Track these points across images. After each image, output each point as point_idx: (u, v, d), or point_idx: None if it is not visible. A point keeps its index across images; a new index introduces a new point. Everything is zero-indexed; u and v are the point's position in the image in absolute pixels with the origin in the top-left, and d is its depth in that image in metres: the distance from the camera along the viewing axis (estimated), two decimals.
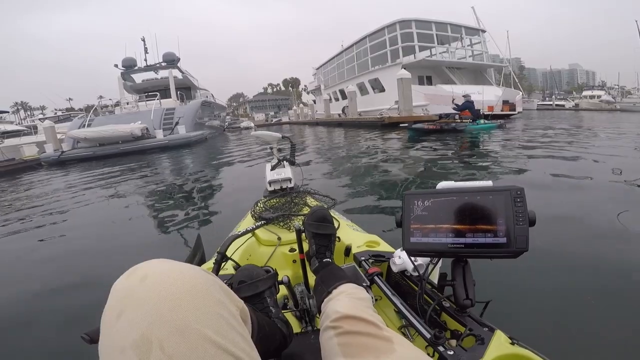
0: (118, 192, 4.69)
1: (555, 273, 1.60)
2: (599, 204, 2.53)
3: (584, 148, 5.30)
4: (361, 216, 2.59)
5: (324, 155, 6.91)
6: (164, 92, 16.64)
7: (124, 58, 18.09)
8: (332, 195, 1.72)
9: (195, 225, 2.82)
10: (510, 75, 21.53)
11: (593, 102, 30.27)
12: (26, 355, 1.38)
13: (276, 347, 0.66)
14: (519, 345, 0.60)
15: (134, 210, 3.66)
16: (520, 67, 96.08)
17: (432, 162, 4.99)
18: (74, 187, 5.74)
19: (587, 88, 41.94)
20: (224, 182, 4.85)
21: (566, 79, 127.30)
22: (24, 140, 14.03)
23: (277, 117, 49.87)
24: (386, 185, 3.71)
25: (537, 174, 3.74)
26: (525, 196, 0.63)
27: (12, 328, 1.58)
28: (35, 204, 4.61)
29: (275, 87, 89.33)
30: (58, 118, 20.84)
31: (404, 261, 0.87)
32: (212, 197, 3.93)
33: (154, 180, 5.56)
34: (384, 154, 6.19)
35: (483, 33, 22.18)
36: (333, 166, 5.44)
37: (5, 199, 5.47)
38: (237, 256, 1.07)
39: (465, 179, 3.75)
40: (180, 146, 12.05)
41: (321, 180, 4.15)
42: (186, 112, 14.27)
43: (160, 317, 0.34)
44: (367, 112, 18.56)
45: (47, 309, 1.70)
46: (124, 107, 16.32)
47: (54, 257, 2.45)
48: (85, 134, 11.77)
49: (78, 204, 4.27)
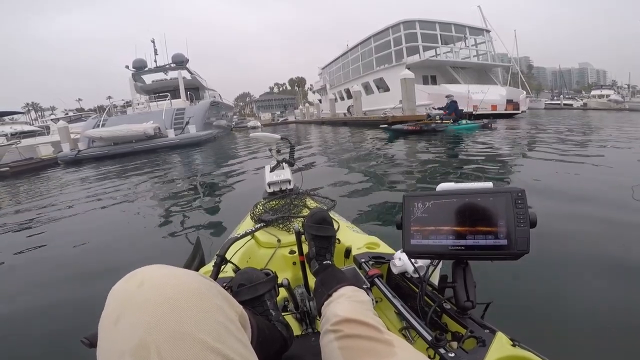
0: (122, 195, 4.72)
1: (556, 274, 1.59)
2: (599, 204, 2.52)
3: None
4: (361, 217, 2.58)
5: (324, 156, 6.91)
6: (173, 93, 16.94)
7: (135, 59, 18.40)
8: (332, 196, 1.71)
9: (194, 227, 2.82)
10: (517, 74, 21.44)
11: (601, 101, 29.94)
12: (26, 356, 1.39)
13: (276, 350, 0.66)
14: (520, 347, 0.59)
15: (134, 212, 3.67)
16: (529, 66, 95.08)
17: (432, 163, 4.99)
18: (84, 187, 5.84)
19: (596, 87, 41.48)
20: (225, 184, 4.85)
21: (576, 78, 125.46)
22: (38, 140, 14.53)
23: (284, 116, 49.95)
24: (386, 186, 3.70)
25: (524, 176, 3.74)
26: (526, 198, 0.62)
27: (12, 328, 1.59)
28: (35, 203, 4.69)
29: (281, 87, 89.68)
30: (70, 118, 21.27)
31: (404, 263, 0.86)
32: (213, 199, 3.93)
33: (160, 182, 5.60)
34: (384, 156, 6.18)
35: (487, 33, 22.32)
36: (333, 167, 5.44)
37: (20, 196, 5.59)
38: (236, 259, 1.07)
39: (463, 180, 3.74)
40: (190, 145, 12.44)
41: (321, 182, 4.13)
42: (196, 112, 14.66)
43: (158, 323, 0.34)
44: (373, 112, 18.70)
45: (46, 310, 1.70)
46: (136, 107, 16.72)
47: (50, 258, 2.47)
48: (100, 133, 12.30)
49: (82, 204, 4.34)
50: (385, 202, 3.05)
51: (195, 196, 4.14)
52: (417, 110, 13.68)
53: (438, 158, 5.39)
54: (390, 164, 5.15)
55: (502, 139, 7.54)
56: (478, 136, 8.06)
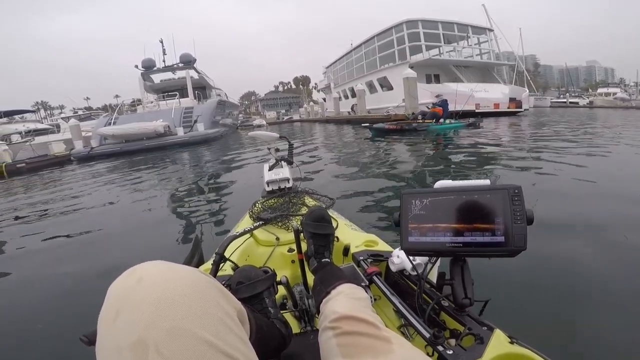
0: (123, 193, 4.75)
1: (554, 271, 1.59)
2: (598, 200, 2.53)
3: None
4: (360, 215, 2.58)
5: (324, 155, 6.91)
6: (181, 92, 17.23)
7: (144, 59, 18.70)
8: (331, 194, 1.71)
9: (193, 225, 2.83)
10: (523, 72, 21.44)
11: (608, 99, 29.69)
12: (25, 357, 1.39)
13: (275, 347, 0.66)
14: (518, 344, 0.59)
15: (133, 210, 3.69)
16: (535, 64, 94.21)
17: (431, 161, 4.99)
18: (89, 184, 5.90)
19: (603, 85, 41.02)
20: (225, 182, 4.85)
21: (584, 76, 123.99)
22: (50, 137, 14.89)
23: (288, 114, 50.06)
24: (384, 184, 3.70)
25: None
26: (522, 194, 0.62)
27: (11, 328, 1.59)
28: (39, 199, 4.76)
29: (286, 85, 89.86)
30: (80, 117, 21.63)
31: (403, 260, 0.86)
32: (212, 198, 3.93)
33: (161, 180, 5.62)
34: (383, 154, 6.18)
35: (490, 32, 22.45)
36: (332, 165, 5.42)
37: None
38: (235, 257, 1.07)
39: (460, 177, 3.75)
40: (199, 143, 12.86)
41: (320, 180, 4.14)
42: (204, 111, 15.01)
43: (156, 319, 0.34)
44: (376, 110, 18.93)
45: (43, 309, 1.71)
46: (145, 106, 17.10)
47: (49, 256, 2.48)
48: (113, 131, 12.71)
49: (87, 200, 4.40)
50: (384, 200, 3.05)
51: (195, 194, 4.15)
52: (419, 108, 13.79)
53: (435, 157, 5.41)
54: (389, 162, 5.14)
55: (488, 137, 7.56)
56: (464, 135, 8.09)
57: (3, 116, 16.41)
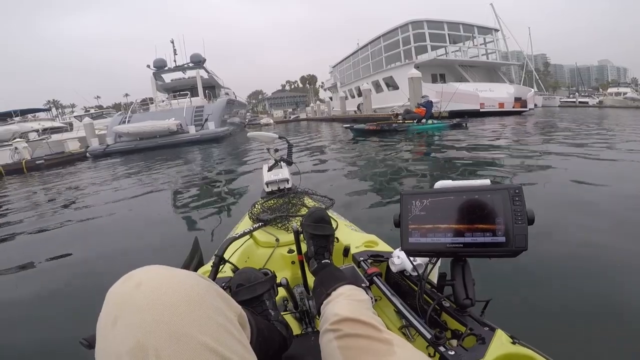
0: (120, 194, 4.74)
1: (555, 271, 1.57)
2: (598, 201, 2.51)
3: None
4: (360, 216, 2.55)
5: (324, 154, 6.89)
6: (191, 91, 17.54)
7: (155, 59, 19.04)
8: (330, 195, 1.70)
9: (192, 227, 2.83)
10: (532, 72, 21.41)
11: (618, 99, 29.12)
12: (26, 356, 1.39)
13: (276, 350, 0.66)
14: (520, 344, 0.59)
15: (133, 213, 3.66)
16: (545, 63, 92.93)
17: (430, 162, 4.96)
18: (96, 184, 5.95)
19: (613, 85, 40.33)
20: (225, 183, 4.83)
21: (595, 75, 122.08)
22: (65, 135, 15.43)
23: (295, 113, 50.16)
24: (384, 184, 3.68)
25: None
26: (523, 194, 0.61)
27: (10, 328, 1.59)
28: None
29: (293, 84, 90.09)
30: (92, 115, 22.03)
31: (403, 261, 0.86)
32: (212, 199, 3.89)
33: (161, 180, 5.61)
34: (383, 155, 6.13)
35: (496, 32, 22.55)
36: (332, 165, 5.39)
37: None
38: (235, 259, 1.07)
39: (460, 177, 3.72)
40: (209, 140, 13.19)
41: (319, 180, 4.11)
42: (214, 110, 15.30)
43: (156, 324, 0.33)
44: (382, 109, 19.06)
45: (42, 310, 1.71)
46: (158, 104, 17.46)
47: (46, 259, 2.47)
48: (127, 129, 13.19)
49: (87, 199, 4.46)
50: (384, 200, 3.03)
51: (195, 195, 4.14)
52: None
53: (434, 157, 5.39)
54: (389, 162, 5.10)
55: (473, 137, 7.50)
56: (447, 135, 8.05)
57: (19, 115, 16.88)
